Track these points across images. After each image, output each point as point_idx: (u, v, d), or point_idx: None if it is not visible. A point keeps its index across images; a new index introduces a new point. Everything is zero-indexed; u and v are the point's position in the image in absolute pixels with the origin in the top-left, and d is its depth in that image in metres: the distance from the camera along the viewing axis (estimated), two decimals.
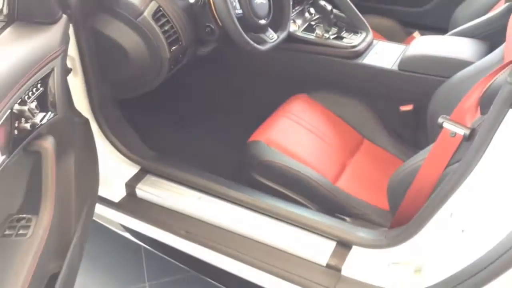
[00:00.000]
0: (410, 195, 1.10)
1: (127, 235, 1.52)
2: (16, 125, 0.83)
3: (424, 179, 1.06)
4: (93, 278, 1.59)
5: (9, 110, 0.80)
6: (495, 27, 1.48)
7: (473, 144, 0.89)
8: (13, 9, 0.91)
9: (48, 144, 0.92)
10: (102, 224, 1.54)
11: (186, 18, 1.33)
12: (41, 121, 0.89)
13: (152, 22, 1.25)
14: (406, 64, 1.51)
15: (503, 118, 0.83)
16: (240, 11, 1.33)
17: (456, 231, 0.95)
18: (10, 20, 0.91)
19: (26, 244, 0.83)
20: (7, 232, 0.85)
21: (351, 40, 1.65)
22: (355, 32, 1.70)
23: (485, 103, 0.96)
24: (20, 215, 0.89)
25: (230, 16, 1.26)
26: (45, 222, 0.87)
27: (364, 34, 1.69)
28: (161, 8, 1.28)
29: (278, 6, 1.49)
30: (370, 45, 1.66)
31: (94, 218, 1.46)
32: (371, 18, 2.13)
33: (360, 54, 1.61)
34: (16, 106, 0.82)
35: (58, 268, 0.97)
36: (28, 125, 0.85)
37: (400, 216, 1.13)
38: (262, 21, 1.40)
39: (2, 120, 0.77)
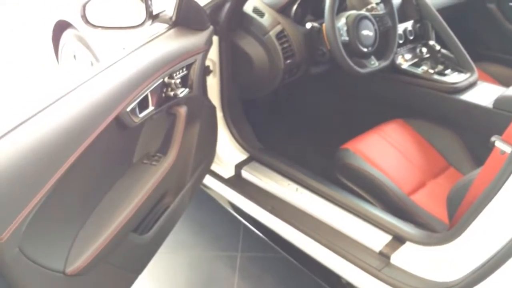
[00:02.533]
0: (464, 205, 1.24)
1: (232, 212, 1.87)
2: (165, 91, 1.23)
3: (476, 191, 1.19)
4: (197, 239, 1.97)
5: (162, 79, 1.20)
6: None
7: (507, 160, 1.03)
8: (178, 18, 1.34)
9: (182, 110, 1.30)
10: (213, 200, 1.91)
11: (302, 40, 1.67)
12: (181, 93, 1.27)
13: (275, 40, 1.61)
14: (501, 102, 1.61)
15: None
16: (346, 38, 1.62)
17: (491, 235, 1.08)
18: (175, 24, 1.34)
19: (153, 169, 1.20)
20: (145, 161, 1.25)
21: (453, 77, 1.80)
22: (460, 71, 1.84)
23: None
24: (156, 153, 1.28)
25: (336, 41, 1.56)
26: (169, 160, 1.24)
27: (468, 74, 1.82)
28: (284, 30, 1.64)
29: (385, 39, 1.74)
30: (472, 84, 1.79)
31: (208, 191, 1.85)
32: (493, 66, 2.24)
33: (459, 90, 1.75)
34: (167, 79, 1.22)
35: (171, 203, 1.35)
36: (172, 93, 1.24)
37: (454, 224, 1.27)
38: (366, 49, 1.66)
39: (157, 84, 1.18)
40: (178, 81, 1.26)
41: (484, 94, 1.73)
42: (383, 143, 1.69)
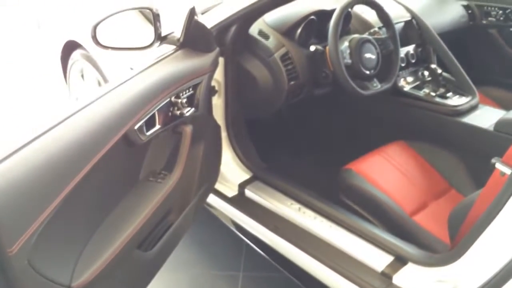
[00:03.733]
0: (465, 226, 1.25)
1: (235, 231, 1.88)
2: (171, 110, 1.26)
3: (477, 212, 1.20)
4: (199, 258, 1.97)
5: (169, 99, 1.23)
6: None
7: (507, 180, 1.05)
8: (185, 39, 1.38)
9: (188, 129, 1.33)
10: (216, 218, 1.92)
11: (306, 63, 1.71)
12: (187, 112, 1.30)
13: (279, 62, 1.65)
14: (502, 125, 1.64)
15: None
16: (349, 61, 1.66)
17: (492, 256, 1.09)
18: (182, 46, 1.38)
19: (159, 187, 1.23)
20: (151, 178, 1.27)
21: (455, 100, 1.83)
22: (461, 94, 1.87)
23: None
24: (161, 171, 1.31)
25: (339, 63, 1.60)
26: (175, 178, 1.26)
27: (469, 98, 1.85)
28: (288, 53, 1.68)
29: (387, 62, 1.78)
30: (474, 107, 1.81)
31: (211, 209, 1.86)
32: (495, 90, 2.27)
33: (461, 113, 1.78)
34: (173, 98, 1.25)
35: (175, 220, 1.36)
36: (178, 112, 1.28)
37: (455, 245, 1.27)
38: (369, 72, 1.69)
39: (164, 103, 1.21)
40: (184, 100, 1.29)
41: (485, 117, 1.75)
42: (385, 164, 1.71)
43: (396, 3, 2.12)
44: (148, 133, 1.14)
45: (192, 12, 1.34)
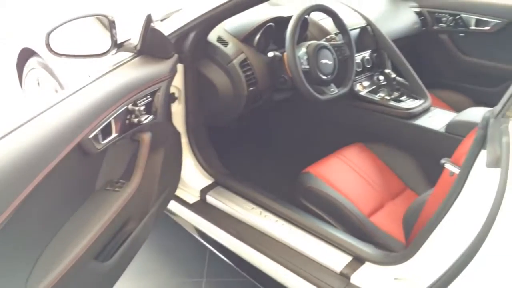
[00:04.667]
0: (418, 224, 1.30)
1: (198, 237, 1.87)
2: (128, 117, 1.25)
3: (429, 211, 1.25)
4: (162, 265, 1.95)
5: (125, 106, 1.22)
6: None
7: (455, 180, 1.10)
8: (143, 46, 1.37)
9: (146, 136, 1.32)
10: (179, 225, 1.91)
11: (265, 69, 1.73)
12: (145, 120, 1.30)
13: (238, 68, 1.67)
14: (453, 127, 1.71)
15: (476, 157, 1.04)
16: (307, 67, 1.69)
17: (443, 252, 1.13)
18: (140, 53, 1.38)
19: (116, 196, 1.21)
20: (108, 187, 1.25)
21: (408, 103, 1.90)
22: (414, 98, 1.94)
23: None
24: (119, 180, 1.29)
25: (297, 69, 1.63)
26: (132, 186, 1.25)
27: (422, 101, 1.92)
28: (247, 59, 1.70)
29: (343, 67, 1.83)
30: (426, 110, 1.89)
31: (173, 216, 1.85)
32: (446, 93, 2.37)
33: (414, 116, 1.85)
34: (130, 106, 1.25)
35: (134, 229, 1.35)
36: (135, 120, 1.27)
37: (409, 243, 1.32)
38: (326, 77, 1.73)
39: (120, 111, 1.20)
40: (142, 108, 1.28)
41: (437, 119, 1.83)
42: (343, 166, 1.75)
43: (352, 10, 2.19)
44: (104, 141, 1.13)
45: (148, 19, 1.34)
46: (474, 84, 2.48)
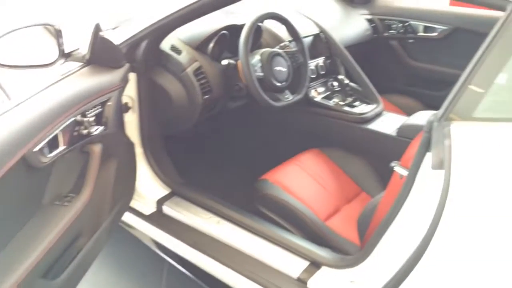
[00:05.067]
0: (372, 227, 1.33)
1: (155, 249, 1.84)
2: (77, 129, 1.21)
3: (381, 213, 1.28)
4: (118, 279, 1.90)
5: (74, 118, 1.19)
6: None
7: (404, 183, 1.13)
8: (92, 56, 1.34)
9: (96, 148, 1.29)
10: (136, 238, 1.87)
11: (220, 77, 1.73)
12: (95, 131, 1.26)
13: (192, 77, 1.66)
14: (404, 131, 1.76)
15: (422, 160, 1.07)
16: (261, 74, 1.70)
17: (395, 253, 1.16)
18: (89, 62, 1.35)
19: (65, 210, 1.17)
20: (56, 202, 1.21)
21: (361, 108, 1.94)
22: (367, 103, 1.99)
23: None
24: (68, 194, 1.25)
25: (251, 77, 1.64)
26: (83, 200, 1.22)
27: (375, 105, 1.97)
28: (201, 67, 1.69)
29: (297, 74, 1.85)
30: (378, 115, 1.94)
31: (129, 229, 1.81)
32: (397, 97, 2.44)
33: (367, 120, 1.89)
34: (79, 117, 1.21)
35: (85, 244, 1.31)
36: (85, 132, 1.23)
37: (364, 245, 1.34)
38: (280, 84, 1.75)
39: (68, 123, 1.16)
40: (92, 119, 1.25)
41: (389, 123, 1.88)
42: (300, 172, 1.77)
43: (306, 18, 2.22)
44: (51, 154, 1.09)
45: (97, 28, 1.31)
46: (424, 88, 2.57)
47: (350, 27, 2.51)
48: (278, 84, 1.75)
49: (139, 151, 1.70)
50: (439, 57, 2.52)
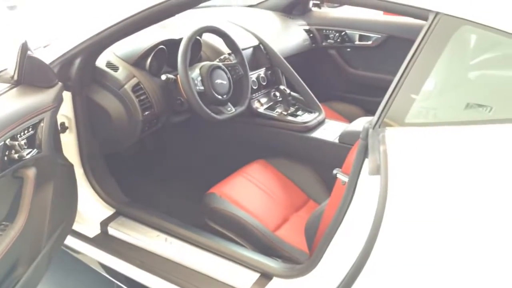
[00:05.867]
0: (319, 234, 1.34)
1: (103, 272, 1.76)
2: (7, 154, 1.15)
3: (327, 220, 1.30)
4: None
5: (3, 142, 1.12)
6: None
7: (345, 189, 1.15)
8: (20, 76, 1.28)
9: (30, 172, 1.22)
10: (81, 262, 1.79)
11: (160, 92, 1.70)
12: (27, 154, 1.20)
13: (131, 93, 1.62)
14: (345, 137, 1.81)
15: (361, 166, 1.10)
16: (202, 88, 1.69)
17: (342, 259, 1.18)
18: (18, 83, 1.28)
19: None
20: None
21: (304, 117, 1.98)
22: (309, 111, 2.03)
23: None
24: (1, 222, 1.18)
25: (191, 91, 1.62)
26: (17, 228, 1.15)
27: (316, 114, 2.02)
28: (140, 83, 1.66)
29: (239, 86, 1.86)
30: (321, 123, 1.98)
31: (73, 253, 1.73)
32: (339, 104, 2.51)
33: (310, 129, 1.93)
34: (9, 141, 1.15)
35: (24, 274, 1.23)
36: (16, 156, 1.17)
37: (312, 253, 1.36)
38: (221, 97, 1.75)
39: None
40: (23, 142, 1.19)
41: (331, 130, 1.92)
42: (247, 184, 1.77)
43: (244, 30, 2.24)
44: None
45: (24, 47, 1.25)
46: (363, 95, 2.66)
47: (289, 38, 2.55)
48: (220, 97, 1.74)
49: (79, 171, 1.63)
50: (374, 64, 2.62)
